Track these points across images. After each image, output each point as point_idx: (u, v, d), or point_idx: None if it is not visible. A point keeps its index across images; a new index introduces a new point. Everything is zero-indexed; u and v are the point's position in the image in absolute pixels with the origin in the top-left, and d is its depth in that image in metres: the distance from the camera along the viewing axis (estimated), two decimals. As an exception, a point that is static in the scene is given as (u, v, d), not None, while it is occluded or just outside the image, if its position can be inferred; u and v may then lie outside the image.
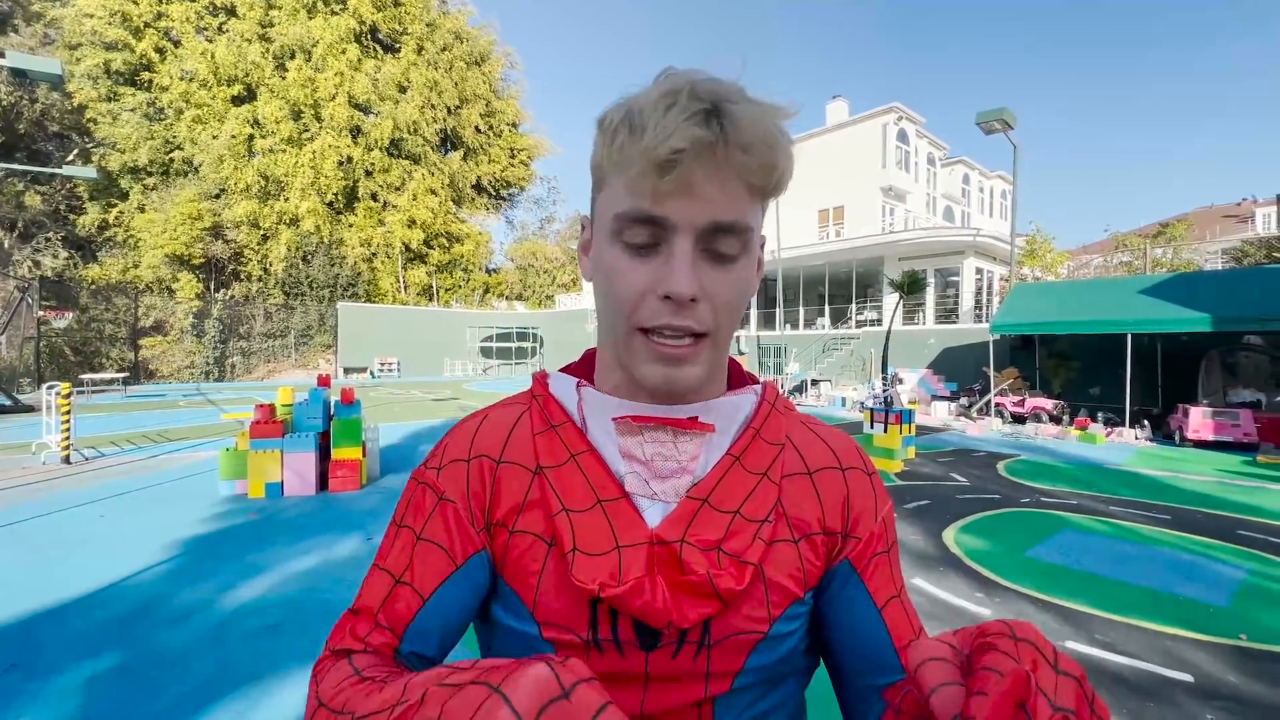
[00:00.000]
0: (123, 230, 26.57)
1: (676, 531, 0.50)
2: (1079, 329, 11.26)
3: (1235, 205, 34.70)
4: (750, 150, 0.45)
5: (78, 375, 19.25)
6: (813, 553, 0.54)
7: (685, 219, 0.46)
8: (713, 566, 0.48)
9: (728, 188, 0.46)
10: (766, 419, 0.56)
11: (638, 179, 0.45)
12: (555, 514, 0.51)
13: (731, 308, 0.49)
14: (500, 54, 39.21)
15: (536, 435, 0.55)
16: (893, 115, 23.76)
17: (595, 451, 0.53)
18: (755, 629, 0.50)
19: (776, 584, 0.51)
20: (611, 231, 0.49)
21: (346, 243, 31.22)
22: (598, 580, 0.48)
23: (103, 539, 4.45)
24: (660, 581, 0.48)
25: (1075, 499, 5.99)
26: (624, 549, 0.49)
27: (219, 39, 29.16)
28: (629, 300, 0.48)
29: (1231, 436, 9.24)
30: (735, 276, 0.49)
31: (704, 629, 0.49)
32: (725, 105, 0.44)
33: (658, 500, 0.52)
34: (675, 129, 0.43)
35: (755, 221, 0.49)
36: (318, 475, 5.89)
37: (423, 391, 19.66)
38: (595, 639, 0.49)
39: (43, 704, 2.40)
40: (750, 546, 0.50)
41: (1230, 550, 4.44)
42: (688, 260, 0.46)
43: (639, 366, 0.50)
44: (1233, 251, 23.65)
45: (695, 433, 0.54)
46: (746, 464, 0.53)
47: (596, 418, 0.55)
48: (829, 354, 19.66)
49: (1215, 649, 2.95)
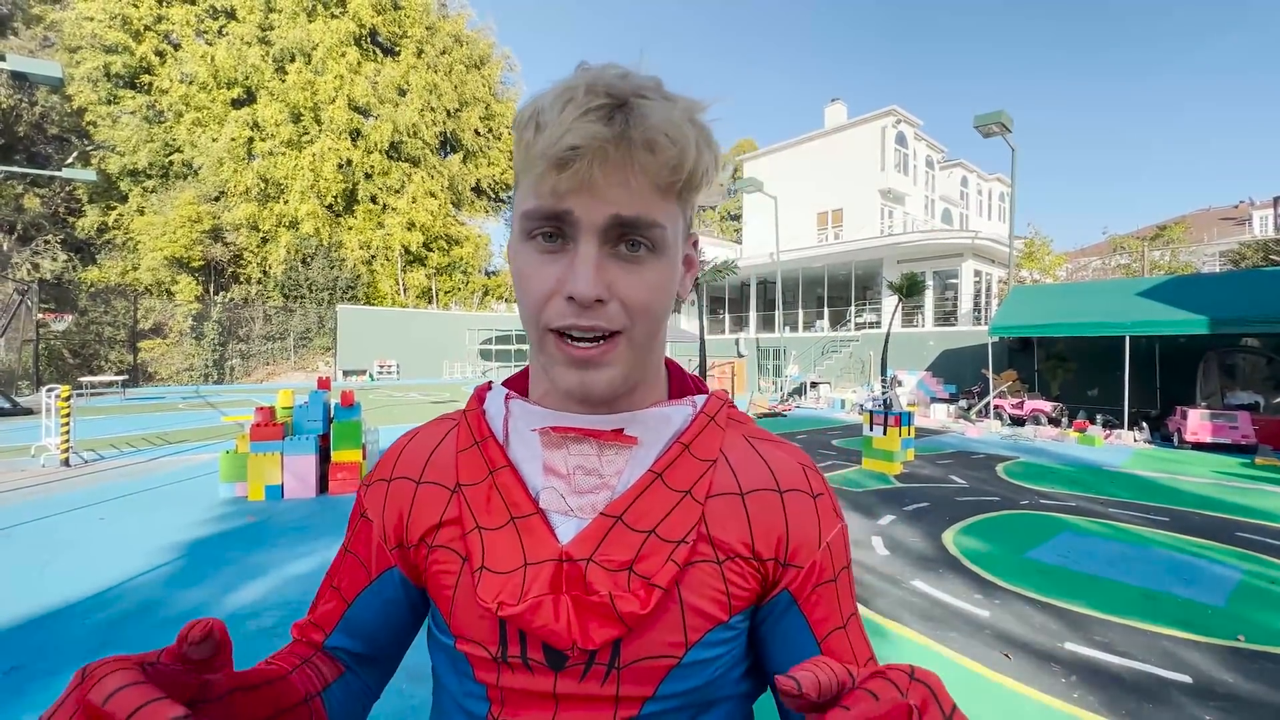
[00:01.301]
0: (122, 233, 26.55)
1: (585, 550, 0.48)
2: (1077, 331, 11.29)
3: (1233, 207, 34.79)
4: (654, 148, 0.43)
5: (77, 378, 19.22)
6: (739, 576, 0.51)
7: (586, 216, 0.44)
8: (618, 588, 0.47)
9: (631, 185, 0.44)
10: (701, 433, 0.53)
11: (539, 178, 0.45)
12: (468, 532, 0.51)
13: (644, 308, 0.47)
14: (499, 57, 39.35)
15: (460, 453, 0.55)
16: (891, 118, 23.83)
17: (513, 467, 0.52)
18: (668, 654, 0.48)
19: (694, 608, 0.49)
20: (521, 231, 0.48)
21: (346, 245, 31.22)
22: (498, 598, 0.47)
23: (102, 542, 4.44)
24: (566, 601, 0.47)
25: (1074, 501, 6.00)
26: (530, 566, 0.48)
27: (219, 42, 29.20)
28: (537, 302, 0.47)
29: (1229, 438, 9.26)
30: (647, 276, 0.47)
31: (614, 651, 0.48)
32: (631, 100, 0.43)
33: (572, 516, 0.50)
34: (571, 126, 0.42)
35: (668, 218, 0.47)
36: (318, 478, 5.89)
37: (422, 394, 19.66)
38: (504, 655, 0.49)
39: (43, 706, 2.40)
40: (661, 569, 0.47)
41: (1228, 551, 4.45)
42: (590, 261, 0.45)
43: (553, 369, 0.49)
44: (1230, 254, 23.71)
45: (620, 445, 0.52)
46: (670, 480, 0.50)
47: (521, 431, 0.54)
48: (828, 356, 19.69)
49: (1213, 650, 2.96)
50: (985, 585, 3.78)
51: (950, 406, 13.75)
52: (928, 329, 18.13)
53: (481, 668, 0.51)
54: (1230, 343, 11.11)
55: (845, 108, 26.74)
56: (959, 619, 3.30)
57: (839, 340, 19.88)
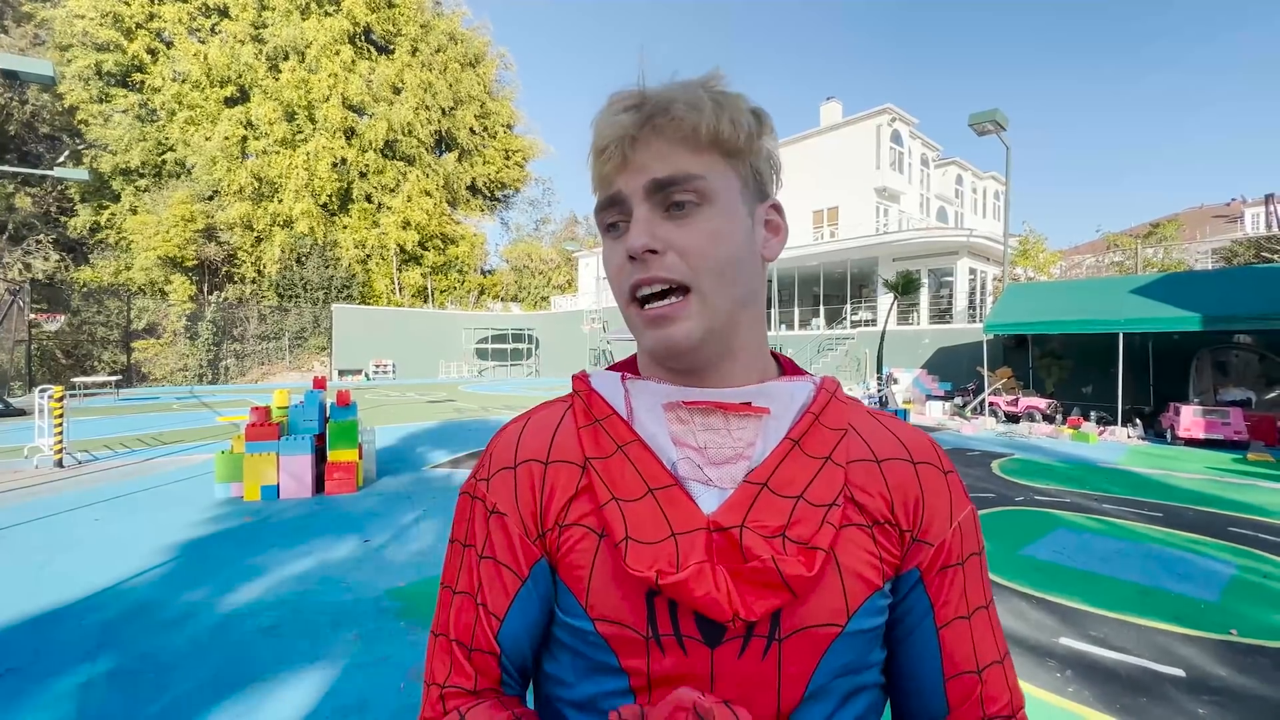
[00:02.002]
0: (115, 232, 26.38)
1: (735, 517, 0.47)
2: (1072, 328, 11.35)
3: (1225, 205, 34.97)
4: (669, 110, 0.48)
5: (70, 378, 19.10)
6: (887, 540, 0.50)
7: (630, 187, 0.49)
8: (776, 552, 0.45)
9: (661, 151, 0.49)
10: (826, 406, 0.53)
11: (596, 177, 0.52)
12: (604, 504, 0.49)
13: (705, 255, 0.48)
14: (494, 55, 39.22)
15: (581, 429, 0.53)
16: (886, 116, 23.87)
17: (643, 441, 0.51)
18: (831, 622, 0.47)
19: (853, 571, 0.48)
20: (599, 228, 0.53)
21: (341, 244, 31.10)
22: (654, 567, 0.45)
23: (97, 543, 4.42)
24: (722, 570, 0.45)
25: (1069, 497, 6.03)
26: (680, 536, 0.46)
27: (212, 40, 29.02)
28: (614, 277, 0.52)
29: (1222, 435, 9.32)
30: (700, 225, 0.49)
31: (773, 622, 0.46)
32: (649, 90, 0.50)
33: (713, 486, 0.49)
34: (604, 125, 0.50)
35: (709, 170, 0.49)
36: (314, 477, 5.88)
37: (418, 393, 19.61)
38: (655, 634, 0.46)
39: (39, 708, 2.39)
40: (819, 531, 0.46)
41: (1221, 546, 4.49)
42: (640, 220, 0.49)
43: (641, 339, 0.52)
44: (1223, 251, 23.83)
45: (750, 417, 0.51)
46: (807, 448, 0.50)
47: (646, 407, 0.53)
48: (824, 354, 19.73)
49: (1206, 644, 2.98)
50: (981, 581, 3.79)
51: (945, 404, 13.80)
52: (923, 327, 18.19)
53: (628, 652, 0.47)
54: (1223, 340, 11.19)
55: (840, 106, 26.77)
56: (955, 615, 3.31)
57: (835, 338, 19.93)
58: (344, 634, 3.02)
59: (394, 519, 5.07)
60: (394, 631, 3.05)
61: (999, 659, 0.52)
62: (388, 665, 2.73)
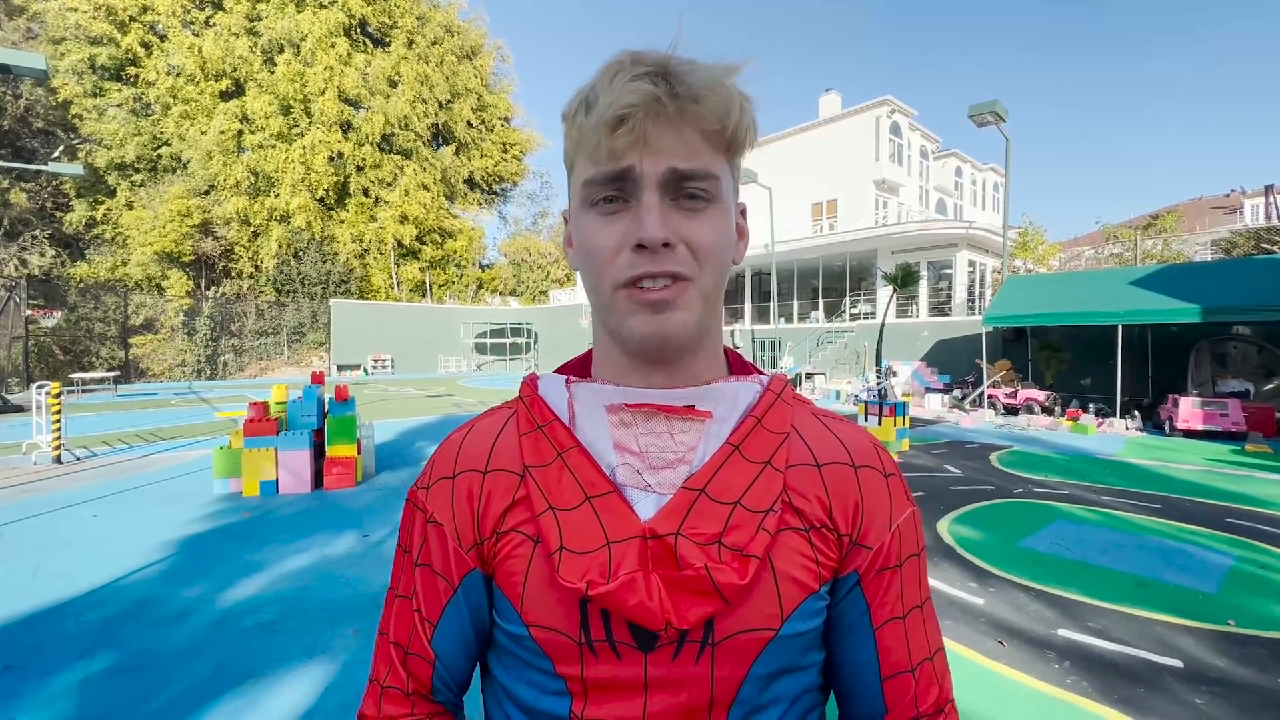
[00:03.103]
0: (111, 228, 26.26)
1: (671, 524, 0.47)
2: (1071, 320, 11.35)
3: (1224, 196, 34.93)
4: (700, 99, 0.45)
5: (67, 374, 19.06)
6: (824, 544, 0.50)
7: (647, 169, 0.46)
8: (711, 560, 0.45)
9: (684, 137, 0.46)
10: (770, 408, 0.53)
11: (595, 147, 0.47)
12: (540, 514, 0.49)
13: (710, 252, 0.48)
14: (491, 48, 38.94)
15: (522, 437, 0.53)
16: (885, 108, 23.75)
17: (583, 448, 0.51)
18: (765, 626, 0.47)
19: (788, 576, 0.48)
20: (582, 201, 0.49)
21: (338, 239, 30.99)
22: (586, 577, 0.45)
23: (96, 539, 4.42)
24: (655, 579, 0.45)
25: (1067, 489, 6.04)
26: (614, 544, 0.46)
27: (206, 33, 28.78)
28: (605, 257, 0.48)
29: (1220, 426, 9.34)
30: (710, 222, 0.48)
31: (707, 627, 0.46)
32: (671, 65, 0.46)
33: (651, 492, 0.49)
34: (622, 90, 0.45)
35: (721, 172, 0.48)
36: (313, 473, 5.87)
37: (417, 388, 19.60)
38: (588, 640, 0.47)
39: (38, 705, 2.39)
40: (754, 538, 0.46)
41: (1219, 538, 4.50)
42: (655, 208, 0.46)
43: (626, 323, 0.48)
44: (1222, 243, 23.82)
45: (692, 421, 0.51)
46: (747, 453, 0.50)
47: (589, 412, 0.52)
48: (823, 347, 19.73)
49: (1204, 635, 2.99)
50: (979, 573, 3.80)
51: (944, 397, 13.81)
52: (922, 319, 18.18)
53: (562, 659, 0.48)
54: (1221, 331, 11.20)
55: (839, 98, 26.63)
56: (954, 607, 3.32)
57: (834, 331, 19.91)
58: (343, 629, 3.02)
59: (393, 514, 5.07)
60: (393, 626, 3.04)
61: (930, 655, 0.53)
62: (387, 660, 2.72)
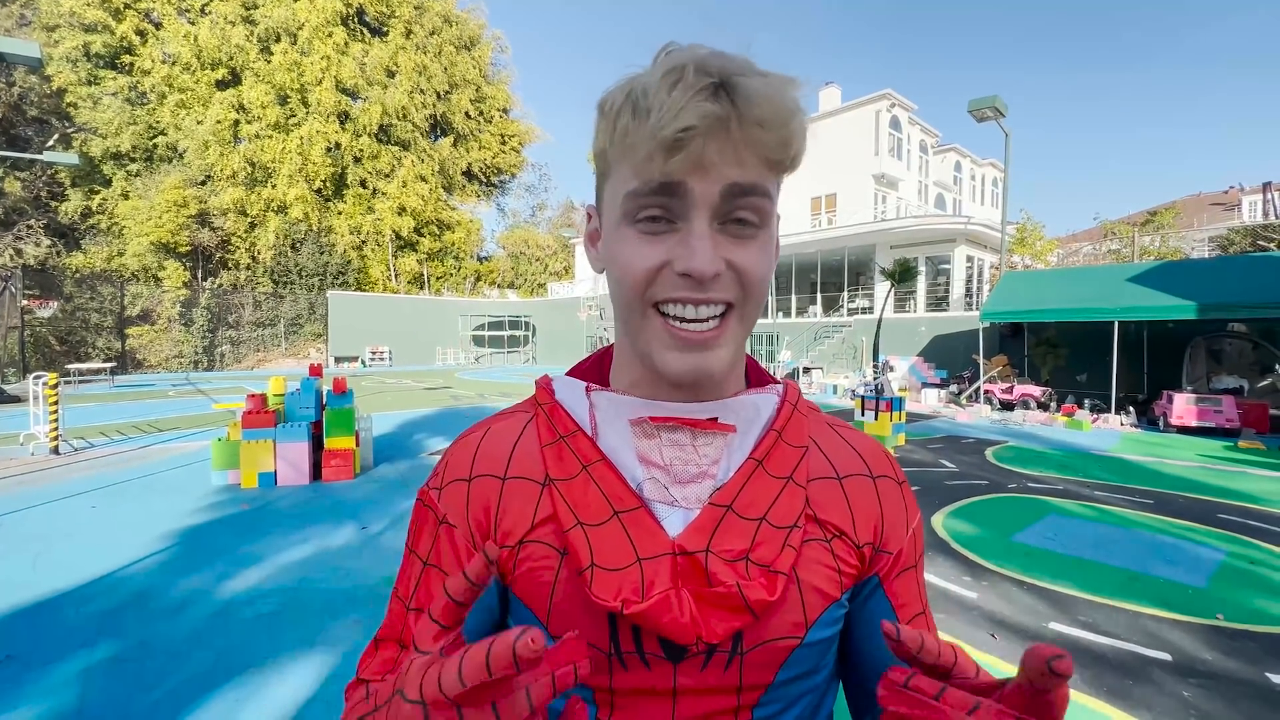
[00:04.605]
0: (106, 217, 26.12)
1: (700, 541, 0.47)
2: (1068, 316, 11.38)
3: (1222, 193, 34.95)
4: (765, 125, 0.42)
5: (64, 365, 19.01)
6: (846, 553, 0.51)
7: (700, 187, 0.43)
8: (740, 577, 0.46)
9: (744, 162, 0.43)
10: (789, 420, 0.53)
11: (645, 162, 0.43)
12: (570, 528, 0.48)
13: (759, 280, 0.46)
14: (490, 38, 38.67)
15: (545, 447, 0.52)
16: (885, 102, 23.67)
17: (608, 461, 0.50)
18: (791, 635, 0.48)
19: (812, 587, 0.49)
20: (623, 213, 0.46)
21: (336, 230, 30.87)
22: (620, 596, 0.45)
23: (95, 530, 4.43)
24: (686, 595, 0.45)
25: (1061, 484, 6.09)
26: (645, 561, 0.46)
27: (201, 21, 28.51)
28: (642, 275, 0.45)
29: (1214, 422, 9.40)
30: (758, 246, 0.46)
31: (735, 639, 0.47)
32: (734, 79, 0.42)
33: (678, 507, 0.49)
34: (684, 106, 0.41)
35: (773, 190, 0.46)
36: (311, 465, 5.89)
37: (415, 380, 19.59)
38: (618, 652, 0.47)
39: (40, 695, 2.41)
40: (780, 555, 0.47)
41: (1210, 533, 4.55)
42: (706, 235, 0.43)
43: (658, 354, 0.46)
44: (1219, 239, 23.87)
45: (715, 434, 0.51)
46: (770, 467, 0.50)
47: (611, 422, 0.51)
48: (821, 342, 19.75)
49: (1193, 628, 3.04)
50: (973, 567, 3.84)
51: (941, 392, 13.87)
52: (920, 314, 18.21)
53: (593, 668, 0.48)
54: (1217, 328, 11.24)
55: (839, 91, 26.53)
56: (947, 600, 3.36)
57: (832, 326, 19.94)
58: (343, 620, 3.04)
59: (391, 506, 5.09)
60: (392, 618, 3.07)
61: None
62: (386, 651, 2.75)
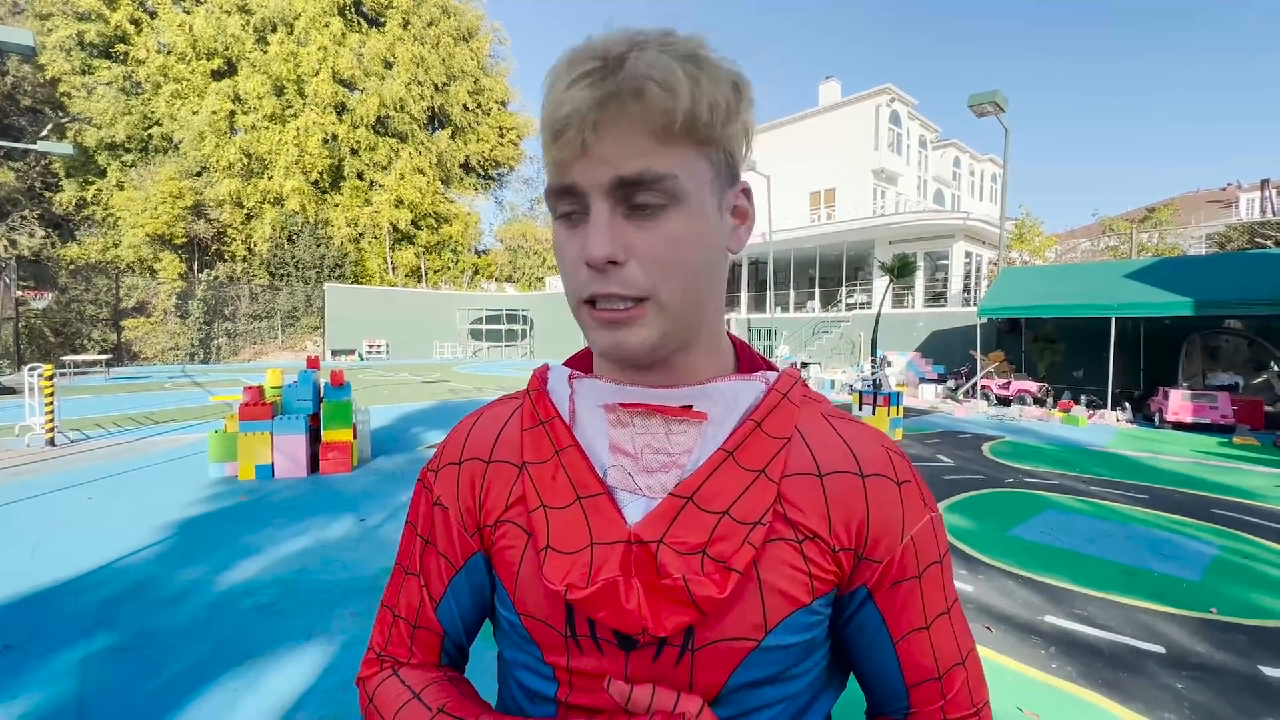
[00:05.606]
0: (101, 208, 25.94)
1: (655, 531, 0.46)
2: (1065, 312, 11.40)
3: (1220, 190, 35.00)
4: (641, 95, 0.41)
5: (59, 357, 18.93)
6: (820, 556, 0.47)
7: (589, 181, 0.43)
8: (693, 572, 0.44)
9: (624, 141, 0.42)
10: (773, 410, 0.50)
11: (549, 158, 0.45)
12: (533, 510, 0.50)
13: (666, 266, 0.44)
14: (488, 29, 38.39)
15: (524, 432, 0.54)
16: (885, 97, 23.61)
17: (579, 447, 0.51)
18: (747, 637, 0.45)
19: (775, 589, 0.46)
20: (550, 210, 0.47)
21: (333, 223, 30.72)
22: (566, 580, 0.46)
23: (92, 522, 4.43)
24: (636, 584, 0.45)
25: (1057, 479, 6.12)
26: (597, 546, 0.47)
27: (197, 10, 28.25)
28: (568, 273, 0.46)
29: (1209, 419, 9.45)
30: (666, 230, 0.44)
31: (686, 634, 0.46)
32: (624, 56, 0.41)
33: (641, 496, 0.48)
34: (560, 97, 0.42)
35: (680, 166, 0.43)
36: (309, 457, 5.88)
37: (412, 374, 19.57)
38: (573, 634, 0.48)
39: (39, 684, 2.42)
40: (738, 552, 0.45)
41: (1204, 528, 4.58)
42: (601, 223, 0.43)
43: (590, 338, 0.47)
44: (1217, 236, 23.91)
45: (689, 422, 0.49)
46: (741, 459, 0.47)
47: (588, 408, 0.52)
48: (819, 337, 19.78)
49: (1187, 622, 3.06)
50: (970, 561, 3.86)
51: (938, 387, 13.91)
52: (918, 310, 18.23)
53: (549, 648, 0.49)
54: (1213, 325, 11.28)
55: (839, 86, 26.45)
56: (943, 594, 3.37)
57: (830, 321, 19.95)
58: (341, 611, 3.05)
59: (389, 498, 5.09)
60: (391, 609, 3.07)
61: (960, 660, 0.52)
62: (385, 642, 2.76)
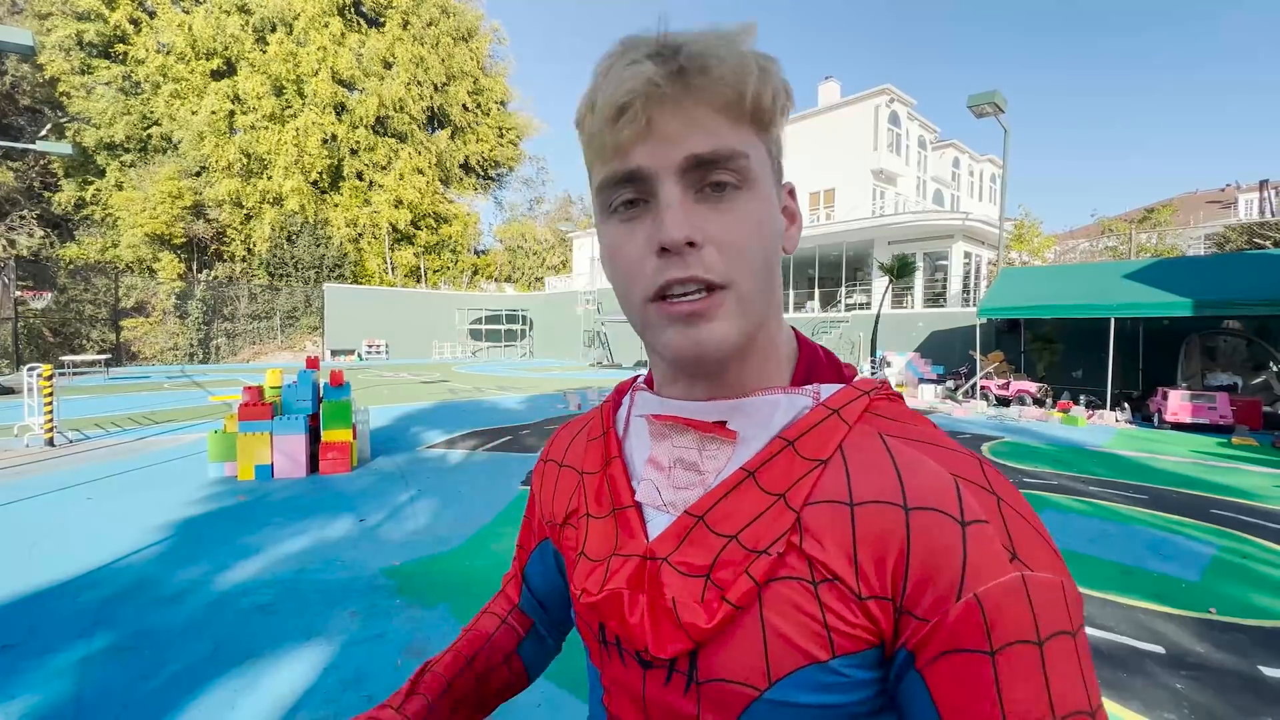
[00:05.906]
0: (101, 208, 25.93)
1: (665, 549, 0.45)
2: (1064, 313, 11.40)
3: (1219, 191, 35.03)
4: (708, 69, 0.40)
5: (58, 357, 18.91)
6: (842, 605, 0.39)
7: (658, 162, 0.41)
8: (692, 595, 0.42)
9: (695, 117, 0.40)
10: (813, 428, 0.44)
11: (602, 144, 0.42)
12: (582, 516, 0.54)
13: (744, 251, 0.41)
14: (488, 29, 38.39)
15: (589, 441, 0.58)
16: (884, 97, 23.61)
17: (623, 459, 0.53)
18: (747, 683, 0.41)
19: (780, 634, 0.40)
20: (600, 208, 0.45)
21: (332, 223, 30.71)
22: (584, 585, 0.48)
23: (91, 521, 4.43)
24: (641, 600, 0.45)
25: (1056, 479, 6.12)
26: (615, 558, 0.48)
27: (196, 10, 28.24)
28: (631, 269, 0.43)
29: (1208, 419, 9.45)
30: (741, 212, 0.41)
31: (691, 663, 0.43)
32: (677, 39, 0.41)
33: (664, 512, 0.48)
34: (620, 77, 0.40)
35: (749, 147, 0.42)
36: (308, 457, 5.88)
37: (412, 374, 19.56)
38: (604, 640, 0.50)
39: (37, 683, 2.42)
40: (736, 581, 0.41)
41: (1203, 528, 4.58)
42: (675, 203, 0.40)
43: (661, 340, 0.43)
44: (1215, 237, 23.94)
45: (721, 440, 0.47)
46: (763, 480, 0.43)
47: (638, 420, 0.54)
48: (818, 337, 19.79)
49: (1185, 622, 3.06)
50: (969, 561, 3.86)
51: (938, 387, 13.91)
52: (917, 310, 18.24)
53: (594, 652, 0.52)
54: (1212, 325, 11.30)
55: (839, 86, 26.45)
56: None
57: (829, 321, 19.96)
58: (340, 611, 3.05)
59: (389, 498, 5.09)
60: (390, 609, 3.08)
61: None
62: (384, 641, 2.76)
